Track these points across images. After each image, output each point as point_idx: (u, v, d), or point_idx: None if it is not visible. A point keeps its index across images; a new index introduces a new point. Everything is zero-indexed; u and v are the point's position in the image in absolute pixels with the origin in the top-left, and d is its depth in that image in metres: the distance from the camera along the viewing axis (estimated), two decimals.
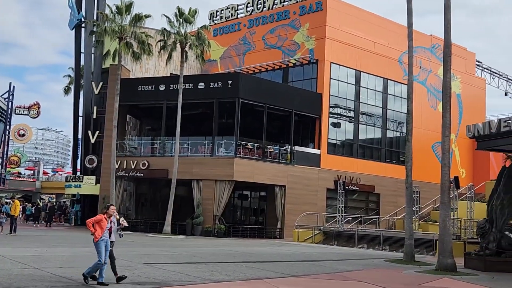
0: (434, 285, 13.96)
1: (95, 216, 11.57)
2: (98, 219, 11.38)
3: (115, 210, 12.03)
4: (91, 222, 11.30)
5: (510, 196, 18.81)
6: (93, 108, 40.48)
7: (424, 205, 39.82)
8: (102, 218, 11.41)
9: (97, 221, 11.32)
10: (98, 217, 11.43)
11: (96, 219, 11.37)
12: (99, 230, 11.24)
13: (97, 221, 11.33)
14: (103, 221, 11.34)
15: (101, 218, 11.39)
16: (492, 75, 55.66)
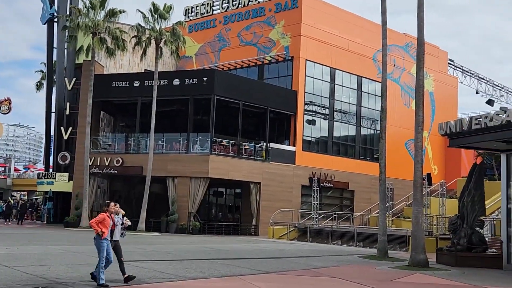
0: (407, 280, 14.15)
1: (98, 216, 11.29)
2: (101, 218, 11.12)
3: (118, 206, 11.67)
4: (96, 222, 11.00)
5: (480, 192, 19.17)
6: (66, 104, 39.94)
7: (397, 202, 40.27)
8: (105, 216, 11.15)
9: (101, 221, 11.03)
10: (101, 217, 11.16)
11: (99, 219, 11.09)
12: (102, 227, 10.96)
13: (101, 220, 11.05)
14: (106, 220, 11.10)
15: (104, 217, 11.13)
16: (464, 73, 56.58)
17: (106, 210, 11.33)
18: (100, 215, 11.26)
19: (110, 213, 11.28)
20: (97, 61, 37.44)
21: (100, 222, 11.05)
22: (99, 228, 10.94)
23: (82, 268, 13.13)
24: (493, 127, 16.20)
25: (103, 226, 11.03)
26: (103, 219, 11.10)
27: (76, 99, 39.67)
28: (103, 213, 11.28)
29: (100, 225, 11.00)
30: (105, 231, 10.98)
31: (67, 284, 10.66)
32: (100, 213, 11.43)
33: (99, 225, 10.99)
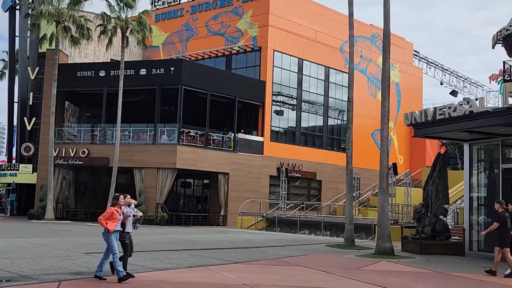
0: (373, 268, 14.38)
1: (106, 211, 10.88)
2: (109, 213, 10.71)
3: (129, 197, 11.26)
4: (104, 219, 10.61)
5: (444, 181, 19.56)
6: (29, 94, 39.13)
7: (364, 191, 40.86)
8: (113, 211, 10.75)
9: (109, 216, 10.66)
10: (109, 212, 10.75)
11: (107, 214, 10.68)
12: (110, 223, 10.61)
13: (109, 216, 10.67)
14: (114, 214, 10.71)
15: (112, 212, 10.73)
16: (428, 65, 57.52)
17: (115, 203, 10.92)
18: (108, 210, 10.87)
19: (120, 207, 10.89)
20: (61, 50, 36.70)
21: (108, 217, 10.66)
22: (106, 225, 10.56)
23: (46, 260, 12.92)
24: (456, 118, 16.51)
25: (111, 220, 10.65)
26: (111, 214, 10.71)
27: (39, 88, 38.86)
28: (111, 207, 10.87)
29: (108, 221, 10.63)
30: (112, 226, 10.62)
31: (31, 276, 10.47)
32: (108, 208, 11.04)
33: (107, 221, 10.62)
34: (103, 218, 10.68)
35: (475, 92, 59.76)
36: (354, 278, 12.18)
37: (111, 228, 10.60)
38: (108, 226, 10.58)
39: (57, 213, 35.26)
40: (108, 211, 10.82)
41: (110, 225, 10.62)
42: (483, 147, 19.16)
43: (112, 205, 10.96)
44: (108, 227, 10.58)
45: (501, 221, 13.16)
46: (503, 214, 13.26)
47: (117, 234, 10.78)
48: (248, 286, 10.48)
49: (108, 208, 10.95)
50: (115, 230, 10.68)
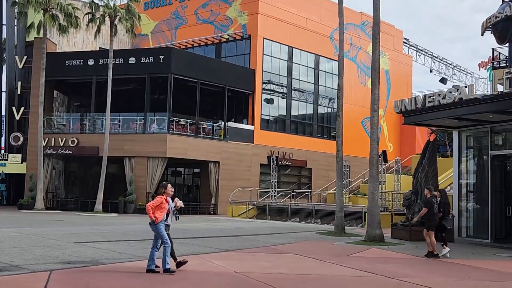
0: (363, 255, 14.48)
1: (155, 199, 10.50)
2: (159, 202, 10.37)
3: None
4: (152, 207, 10.27)
5: (434, 168, 19.67)
6: (17, 83, 38.77)
7: (354, 179, 41.06)
8: (163, 200, 10.43)
9: (158, 204, 10.34)
10: (159, 200, 10.40)
11: (157, 202, 10.35)
12: (158, 213, 10.31)
13: (158, 204, 10.34)
14: (163, 203, 10.41)
15: (161, 201, 10.41)
16: (418, 52, 57.62)
17: (164, 192, 10.57)
18: (158, 198, 10.48)
19: (167, 196, 10.60)
20: (49, 39, 36.35)
21: (157, 206, 10.34)
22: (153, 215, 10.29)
23: (37, 250, 12.88)
24: (445, 105, 16.56)
25: (159, 210, 10.35)
26: (160, 202, 10.39)
27: (28, 78, 38.52)
28: (161, 196, 10.51)
29: (155, 209, 10.31)
30: (160, 216, 10.33)
31: (21, 266, 10.43)
32: (157, 196, 10.59)
33: (155, 210, 10.29)
34: (152, 205, 10.35)
35: (464, 80, 60.04)
36: (345, 265, 12.27)
37: (159, 217, 10.31)
38: (156, 215, 10.29)
39: (47, 203, 35.14)
40: (158, 199, 10.47)
41: (159, 214, 10.32)
42: (472, 134, 19.27)
43: (160, 194, 10.60)
44: (156, 216, 10.27)
45: (429, 206, 13.85)
46: (430, 200, 13.94)
47: (164, 223, 10.46)
48: (239, 274, 10.52)
49: (158, 196, 10.55)
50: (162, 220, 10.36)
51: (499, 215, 17.92)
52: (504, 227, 18.10)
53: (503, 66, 26.20)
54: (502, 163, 18.49)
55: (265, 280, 9.72)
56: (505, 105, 15.30)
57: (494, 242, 17.43)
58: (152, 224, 10.38)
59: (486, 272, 11.99)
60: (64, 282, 9.23)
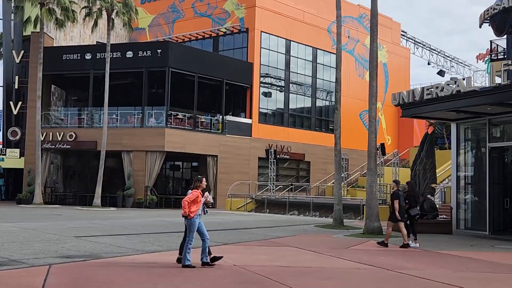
0: (361, 247, 14.52)
1: (191, 194, 10.35)
2: (195, 196, 10.25)
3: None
4: (188, 202, 10.15)
5: (432, 161, 19.72)
6: (15, 77, 38.64)
7: (352, 172, 41.07)
8: (198, 194, 10.34)
9: (194, 199, 10.23)
10: (195, 194, 10.28)
11: (193, 197, 10.23)
12: (194, 207, 10.22)
13: (194, 198, 10.23)
14: (199, 198, 10.32)
15: (197, 195, 10.31)
16: (416, 45, 57.54)
17: (199, 186, 10.48)
18: (194, 192, 10.37)
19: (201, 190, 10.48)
20: (46, 33, 36.25)
21: (193, 200, 10.23)
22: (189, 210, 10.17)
23: (36, 244, 12.89)
24: (443, 97, 16.57)
25: (194, 204, 10.24)
26: (196, 197, 10.27)
27: (25, 72, 38.40)
28: (196, 190, 10.40)
29: (191, 204, 10.20)
30: (195, 211, 10.22)
31: (21, 261, 10.44)
32: (192, 190, 10.47)
33: (191, 204, 10.18)
34: (188, 200, 10.24)
35: (462, 72, 60.00)
36: (343, 257, 12.30)
37: (194, 212, 10.23)
38: (192, 210, 10.20)
39: (46, 197, 35.12)
40: (194, 193, 10.36)
41: (194, 209, 10.23)
42: (470, 126, 19.30)
43: (195, 188, 10.49)
44: (192, 210, 10.19)
45: (395, 198, 14.30)
46: (397, 192, 14.41)
47: (199, 217, 10.40)
48: (238, 267, 10.55)
49: (194, 191, 10.45)
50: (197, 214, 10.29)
51: (497, 207, 17.98)
52: (502, 219, 18.18)
53: (501, 58, 26.22)
54: (500, 155, 18.54)
55: (264, 273, 9.74)
56: (503, 97, 15.32)
57: (492, 234, 17.50)
58: (187, 218, 10.29)
59: (485, 263, 12.03)
60: (63, 276, 9.25)
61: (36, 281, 8.51)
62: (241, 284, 8.94)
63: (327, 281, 9.46)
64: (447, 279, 9.54)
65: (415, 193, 15.62)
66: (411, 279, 9.66)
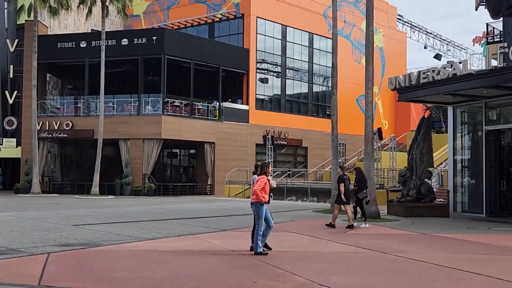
0: (359, 232, 14.59)
1: (260, 181, 10.06)
2: (264, 182, 9.98)
3: None
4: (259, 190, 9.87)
5: (428, 144, 19.76)
6: (10, 67, 38.45)
7: (349, 157, 41.14)
8: (266, 180, 10.07)
9: (264, 185, 9.95)
10: (263, 181, 10.01)
11: (262, 184, 9.95)
12: (264, 194, 10.00)
13: (264, 185, 9.95)
14: (267, 184, 10.07)
15: (265, 181, 10.05)
16: (412, 29, 57.36)
17: (266, 172, 10.20)
18: (262, 179, 10.10)
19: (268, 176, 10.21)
20: (40, 21, 36.00)
21: (262, 187, 9.97)
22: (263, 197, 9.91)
23: (34, 233, 12.92)
24: (440, 81, 16.57)
25: (264, 190, 10.01)
26: (265, 183, 9.99)
27: (20, 61, 38.20)
28: (264, 176, 10.14)
29: (262, 192, 9.97)
30: (266, 197, 9.99)
31: (19, 250, 10.46)
32: (259, 177, 10.22)
33: (261, 192, 9.94)
34: (259, 188, 9.95)
35: (459, 55, 59.89)
36: (341, 241, 12.36)
37: (267, 198, 10.02)
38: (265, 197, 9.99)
39: (44, 186, 35.14)
40: (262, 180, 10.08)
41: (264, 196, 10.02)
42: (467, 109, 19.32)
43: (263, 173, 10.24)
44: (265, 197, 9.98)
45: (341, 182, 14.98)
46: (342, 177, 15.08)
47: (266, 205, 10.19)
48: (235, 252, 10.59)
49: (261, 177, 10.18)
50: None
51: (494, 189, 18.07)
52: (498, 202, 18.28)
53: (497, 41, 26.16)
54: (496, 138, 18.59)
55: (262, 258, 9.78)
56: (499, 80, 15.32)
57: (489, 217, 17.60)
58: (255, 205, 10.11)
59: (481, 246, 12.11)
60: (62, 264, 9.28)
61: (34, 270, 8.54)
62: (240, 269, 8.98)
63: (326, 265, 9.51)
64: (444, 262, 9.60)
65: (363, 177, 16.27)
66: (409, 262, 9.72)
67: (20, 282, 7.69)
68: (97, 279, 8.06)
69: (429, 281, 8.23)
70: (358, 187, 15.78)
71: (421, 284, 8.02)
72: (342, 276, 8.45)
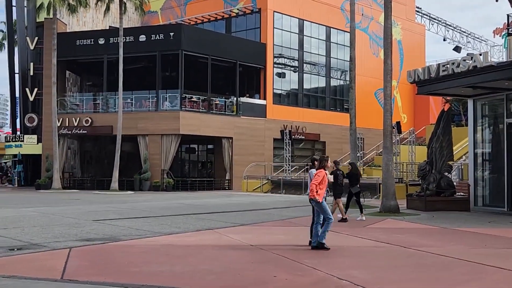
0: (379, 226, 14.52)
1: (317, 176, 9.91)
2: (322, 176, 9.84)
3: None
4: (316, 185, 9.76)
5: (448, 138, 19.55)
6: (30, 64, 38.90)
7: (368, 151, 40.90)
8: (324, 174, 9.94)
9: (321, 180, 9.85)
10: (321, 175, 9.85)
11: (319, 179, 9.81)
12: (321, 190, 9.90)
13: (321, 180, 9.85)
14: (325, 178, 9.96)
15: (323, 175, 9.92)
16: (431, 21, 56.68)
17: (324, 166, 10.13)
18: (320, 173, 9.94)
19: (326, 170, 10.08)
20: (59, 19, 36.34)
21: (320, 182, 9.86)
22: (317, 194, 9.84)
23: (56, 228, 13.09)
24: (460, 73, 16.38)
25: (321, 185, 9.89)
26: (322, 177, 9.87)
27: (39, 59, 38.63)
28: (322, 170, 9.99)
29: (319, 186, 9.87)
30: (323, 193, 9.89)
31: (42, 244, 10.61)
32: (318, 171, 10.08)
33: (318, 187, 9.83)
34: (316, 183, 9.84)
35: (479, 47, 59.03)
36: (360, 236, 12.31)
37: (322, 194, 9.96)
38: (319, 193, 9.90)
39: (64, 182, 35.55)
40: (320, 174, 9.96)
41: (322, 191, 9.94)
42: (487, 102, 19.06)
43: (322, 167, 10.15)
44: (320, 194, 9.89)
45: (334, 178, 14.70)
46: (335, 172, 15.20)
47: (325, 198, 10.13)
48: (254, 247, 10.61)
49: (319, 171, 10.06)
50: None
51: None
52: None
53: None
54: None
55: (281, 253, 9.79)
56: None
57: (511, 210, 17.37)
58: (314, 200, 10.09)
59: (503, 240, 11.97)
60: (84, 258, 9.39)
61: (57, 264, 8.65)
62: (259, 263, 9.00)
63: (345, 259, 9.49)
64: (465, 256, 9.51)
65: (357, 172, 16.54)
66: (429, 256, 9.65)
67: (43, 276, 7.81)
68: (119, 274, 8.14)
69: (450, 275, 8.17)
70: (350, 181, 16.04)
71: (442, 278, 7.96)
72: (361, 270, 8.43)
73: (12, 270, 8.17)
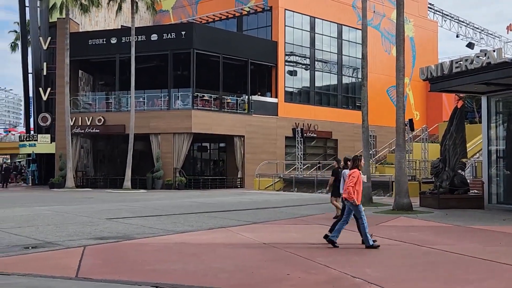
0: (392, 224, 14.45)
1: (352, 176, 9.67)
2: (357, 176, 9.61)
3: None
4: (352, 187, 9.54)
5: (462, 135, 19.40)
6: (43, 64, 39.20)
7: (380, 149, 40.70)
8: (358, 174, 9.67)
9: (356, 181, 9.64)
10: (356, 175, 9.62)
11: (354, 180, 9.59)
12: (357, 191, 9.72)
13: (356, 180, 9.63)
14: (359, 178, 9.69)
15: (357, 175, 9.66)
16: (444, 17, 56.28)
17: (358, 166, 9.85)
18: (354, 173, 9.70)
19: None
20: (71, 19, 36.57)
21: (356, 182, 9.65)
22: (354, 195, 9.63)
23: (70, 227, 13.18)
24: (473, 70, 16.24)
25: (357, 185, 9.68)
26: (357, 177, 9.64)
27: (52, 58, 38.91)
28: (356, 170, 9.74)
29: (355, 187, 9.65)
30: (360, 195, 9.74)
31: (56, 243, 10.69)
32: (351, 171, 9.83)
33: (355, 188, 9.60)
34: (352, 185, 9.58)
35: (492, 44, 58.53)
36: (374, 234, 12.24)
37: (360, 197, 9.80)
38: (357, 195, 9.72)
39: (77, 181, 35.81)
40: (355, 174, 9.71)
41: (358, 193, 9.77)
42: (501, 99, 18.87)
43: (355, 167, 9.91)
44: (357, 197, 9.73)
45: (335, 176, 14.91)
46: (336, 170, 14.96)
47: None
48: (267, 245, 10.61)
49: (353, 171, 9.82)
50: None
51: None
52: None
53: None
54: None
55: (294, 251, 9.79)
56: None
57: None
58: (350, 205, 9.90)
59: None
60: (98, 256, 9.45)
61: (72, 262, 8.71)
62: (272, 261, 9.00)
63: (358, 257, 9.46)
64: (479, 254, 9.44)
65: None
66: (443, 254, 9.59)
67: (58, 274, 7.87)
68: (132, 272, 8.18)
69: (465, 273, 8.11)
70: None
71: (456, 276, 7.91)
72: (375, 268, 8.39)
73: (27, 268, 8.25)
